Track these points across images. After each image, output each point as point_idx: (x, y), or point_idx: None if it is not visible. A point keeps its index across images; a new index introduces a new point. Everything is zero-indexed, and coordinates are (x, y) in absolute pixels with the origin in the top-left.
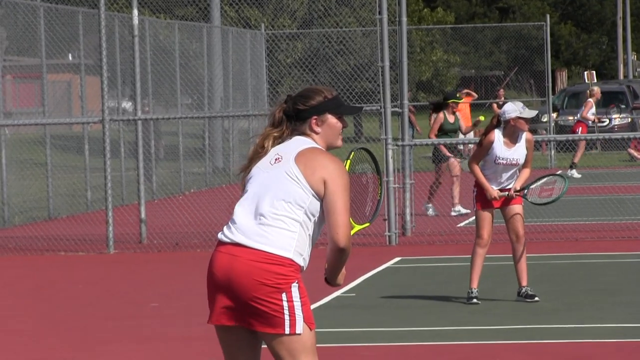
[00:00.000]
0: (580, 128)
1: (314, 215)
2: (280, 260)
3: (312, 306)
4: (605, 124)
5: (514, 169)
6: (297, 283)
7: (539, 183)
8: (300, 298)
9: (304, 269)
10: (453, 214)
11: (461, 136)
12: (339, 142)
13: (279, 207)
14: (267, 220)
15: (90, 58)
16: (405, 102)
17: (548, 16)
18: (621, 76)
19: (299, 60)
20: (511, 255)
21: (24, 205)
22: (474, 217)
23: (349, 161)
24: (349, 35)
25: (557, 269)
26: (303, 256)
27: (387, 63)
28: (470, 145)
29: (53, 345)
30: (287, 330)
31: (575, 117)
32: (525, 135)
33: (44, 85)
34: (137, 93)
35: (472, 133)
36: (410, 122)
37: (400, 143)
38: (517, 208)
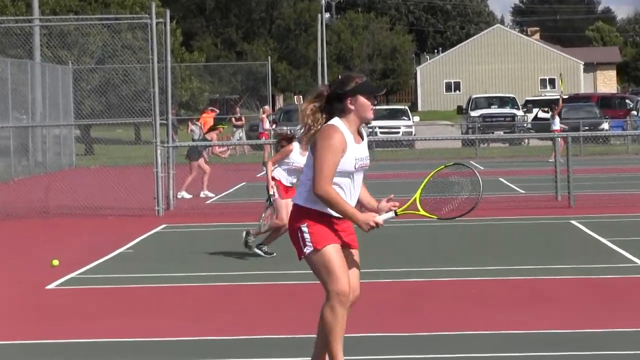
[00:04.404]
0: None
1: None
2: (295, 207)
3: (99, 261)
4: None
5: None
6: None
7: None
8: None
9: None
10: (202, 195)
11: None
12: (370, 115)
13: (304, 171)
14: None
15: None
16: (169, 116)
17: (269, 57)
18: None
19: (96, 87)
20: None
21: None
22: (216, 197)
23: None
24: (130, 69)
25: None
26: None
27: (157, 89)
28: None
29: None
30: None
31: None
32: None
33: None
34: None
35: (215, 135)
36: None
37: (166, 145)
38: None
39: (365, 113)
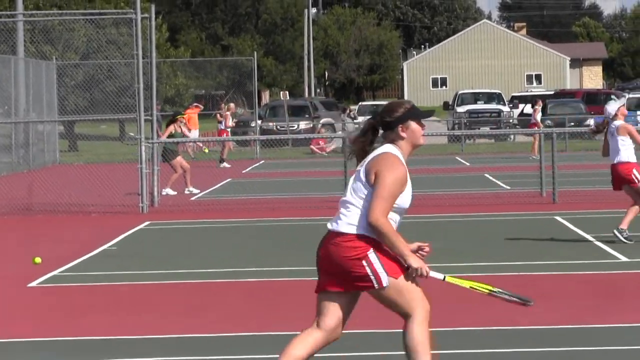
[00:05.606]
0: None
1: None
2: (348, 237)
3: (82, 258)
4: (294, 128)
5: None
6: (372, 250)
7: None
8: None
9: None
10: (186, 192)
11: (194, 134)
12: (422, 141)
13: (351, 198)
14: (344, 209)
15: None
16: (154, 112)
17: (255, 52)
18: (306, 95)
19: (80, 82)
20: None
21: None
22: (202, 193)
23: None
24: (115, 65)
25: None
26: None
27: (141, 85)
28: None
29: None
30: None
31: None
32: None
33: None
34: None
35: (197, 133)
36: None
37: (151, 141)
38: None
39: (418, 139)
